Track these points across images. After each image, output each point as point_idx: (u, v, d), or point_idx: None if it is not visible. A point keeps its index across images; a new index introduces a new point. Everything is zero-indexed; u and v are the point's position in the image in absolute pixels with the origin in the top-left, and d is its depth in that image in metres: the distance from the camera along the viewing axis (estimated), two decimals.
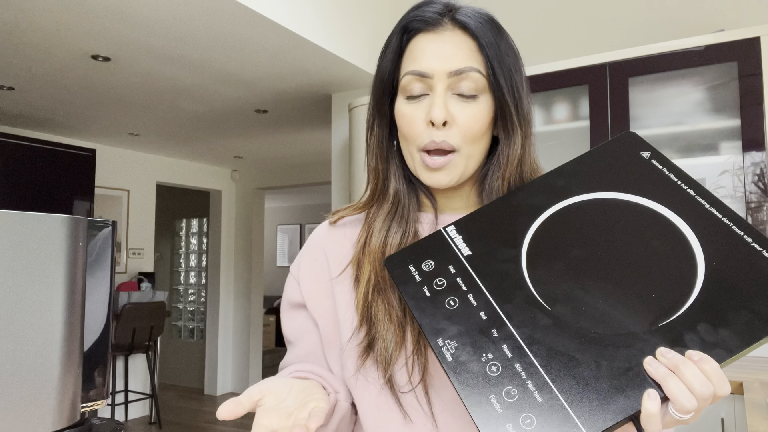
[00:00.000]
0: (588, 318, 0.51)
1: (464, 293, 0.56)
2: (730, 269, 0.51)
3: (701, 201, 0.56)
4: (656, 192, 0.58)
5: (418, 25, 0.67)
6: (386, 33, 0.72)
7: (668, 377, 0.46)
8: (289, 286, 0.77)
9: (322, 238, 0.77)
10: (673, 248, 0.54)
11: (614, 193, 0.59)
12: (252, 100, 3.36)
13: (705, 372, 0.46)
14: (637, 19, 2.44)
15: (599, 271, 0.54)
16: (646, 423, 0.45)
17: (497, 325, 0.52)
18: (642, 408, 0.45)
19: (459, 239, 0.60)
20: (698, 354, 0.46)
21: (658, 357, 0.47)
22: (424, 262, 0.59)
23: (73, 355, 0.61)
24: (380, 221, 0.70)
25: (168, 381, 6.25)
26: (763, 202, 1.84)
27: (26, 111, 3.62)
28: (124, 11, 2.14)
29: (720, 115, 2.00)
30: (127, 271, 4.81)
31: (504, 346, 0.51)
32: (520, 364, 0.50)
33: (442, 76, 0.64)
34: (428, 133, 0.65)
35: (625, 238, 0.56)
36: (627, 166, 0.61)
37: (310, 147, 4.77)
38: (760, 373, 1.78)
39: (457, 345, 0.52)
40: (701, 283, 0.51)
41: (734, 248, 0.52)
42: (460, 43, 0.65)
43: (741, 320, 0.48)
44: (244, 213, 5.88)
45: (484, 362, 0.50)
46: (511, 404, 0.47)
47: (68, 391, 0.60)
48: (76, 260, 0.61)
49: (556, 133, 2.26)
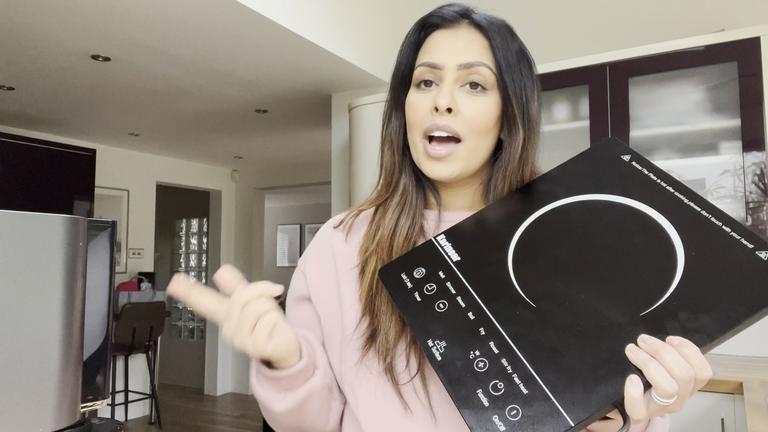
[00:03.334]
0: (571, 312, 0.53)
1: (453, 296, 0.58)
2: (708, 258, 0.52)
3: (680, 197, 0.58)
4: (636, 191, 0.60)
5: (436, 21, 0.70)
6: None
7: (649, 362, 0.46)
8: (295, 279, 0.78)
9: (330, 233, 0.78)
10: (654, 242, 0.55)
11: (595, 194, 0.62)
12: (252, 100, 3.36)
13: (685, 356, 0.46)
14: (637, 19, 2.44)
15: (582, 268, 0.56)
16: (630, 408, 0.46)
17: (484, 323, 0.55)
18: (625, 393, 0.46)
19: (449, 246, 0.63)
20: (678, 339, 0.47)
21: (639, 344, 0.48)
22: (416, 270, 0.62)
23: (73, 355, 0.61)
24: (390, 214, 0.72)
25: (168, 381, 6.26)
26: (763, 202, 1.84)
27: (26, 111, 3.62)
28: (124, 11, 2.14)
29: (720, 115, 2.00)
30: (127, 271, 4.81)
31: (491, 343, 0.53)
32: (506, 359, 0.51)
33: (452, 68, 0.67)
34: (431, 118, 0.67)
35: (607, 235, 0.58)
36: (608, 169, 0.64)
37: (310, 147, 4.77)
38: (760, 373, 1.78)
39: (446, 344, 0.54)
40: (681, 273, 0.52)
41: (713, 238, 0.54)
42: (473, 41, 0.68)
43: (721, 306, 0.49)
44: (244, 213, 5.89)
45: (471, 359, 0.52)
46: (498, 397, 0.49)
47: (68, 391, 0.60)
48: (76, 260, 0.61)
49: (556, 133, 2.26)
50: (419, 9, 0.79)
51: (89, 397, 0.66)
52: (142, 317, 4.36)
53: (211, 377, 5.73)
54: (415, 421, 0.64)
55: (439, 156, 0.67)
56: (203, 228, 6.42)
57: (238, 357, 5.80)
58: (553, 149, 2.46)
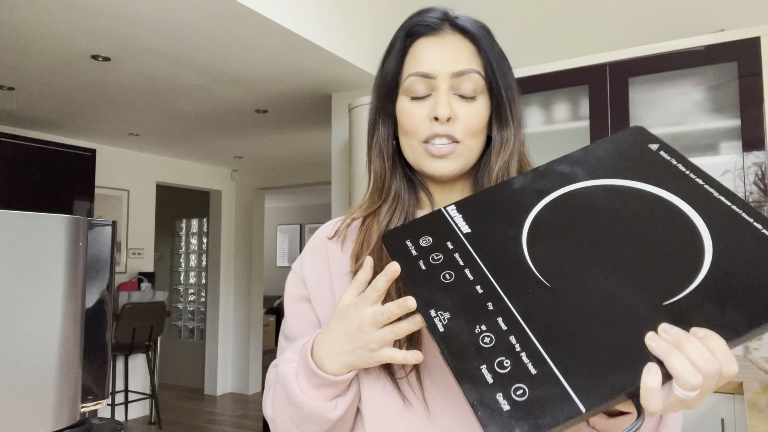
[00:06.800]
0: (588, 295, 0.50)
1: (461, 267, 0.55)
2: (738, 253, 0.49)
3: (710, 190, 0.55)
4: (663, 180, 0.57)
5: (421, 29, 0.71)
6: (386, 33, 0.74)
7: (671, 352, 0.44)
8: (291, 281, 0.79)
9: (324, 237, 0.79)
10: (680, 232, 0.52)
11: (621, 180, 0.58)
12: (252, 100, 3.36)
13: (711, 349, 0.44)
14: (637, 19, 2.44)
15: (603, 252, 0.53)
16: (645, 399, 0.43)
17: (493, 299, 0.52)
18: (642, 383, 0.43)
19: (459, 218, 0.60)
20: (703, 331, 0.45)
21: (660, 333, 0.46)
22: (422, 238, 0.59)
23: (73, 355, 0.61)
24: (382, 217, 0.73)
25: (168, 381, 6.25)
26: (763, 202, 1.84)
27: (26, 111, 3.62)
28: (124, 11, 2.14)
29: (720, 115, 2.00)
30: (127, 271, 4.81)
31: (499, 319, 0.50)
32: (514, 337, 0.48)
33: (445, 77, 0.68)
34: (431, 128, 0.69)
35: (631, 221, 0.55)
36: (635, 156, 0.61)
37: (310, 147, 4.77)
38: (760, 373, 1.78)
39: (450, 316, 0.52)
40: (709, 266, 0.49)
41: (743, 233, 0.51)
42: (461, 47, 0.70)
43: (749, 301, 0.46)
44: (244, 213, 5.88)
45: (477, 333, 0.50)
46: (503, 375, 0.46)
47: (68, 391, 0.60)
48: (76, 260, 0.61)
49: (556, 133, 2.26)
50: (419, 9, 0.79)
51: (89, 397, 0.66)
52: (142, 317, 4.36)
53: (211, 377, 5.73)
54: (413, 413, 0.65)
55: (442, 153, 0.68)
56: (203, 228, 6.42)
57: (238, 357, 5.80)
58: (553, 149, 2.46)
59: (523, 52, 2.64)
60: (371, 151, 0.75)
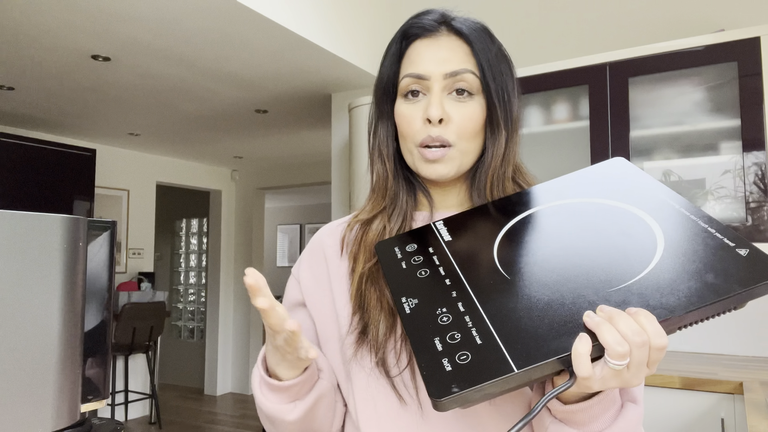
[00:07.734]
0: (543, 284, 0.56)
1: (436, 266, 0.63)
2: (687, 250, 0.54)
3: (672, 203, 0.61)
4: (629, 197, 0.64)
5: (416, 31, 0.72)
6: (386, 33, 0.75)
7: (602, 324, 0.47)
8: (290, 285, 0.80)
9: (322, 239, 0.80)
10: (637, 236, 0.58)
11: (589, 198, 0.66)
12: (252, 100, 3.36)
13: (639, 322, 0.47)
14: (637, 19, 2.44)
15: (562, 252, 0.59)
16: (576, 365, 0.47)
17: (458, 289, 0.59)
18: (573, 349, 0.47)
19: (444, 230, 0.68)
20: (635, 309, 0.49)
21: (597, 311, 0.50)
22: (408, 245, 0.67)
23: (73, 355, 0.61)
24: (378, 219, 0.74)
25: (168, 381, 6.26)
26: (763, 202, 1.84)
27: (26, 111, 3.62)
28: (124, 11, 2.14)
29: (720, 115, 2.00)
30: (127, 271, 4.82)
31: (459, 303, 0.57)
32: (469, 317, 0.55)
33: (438, 78, 0.69)
34: (425, 130, 0.69)
35: (590, 225, 0.61)
36: (609, 180, 0.67)
37: (310, 147, 4.78)
38: (760, 373, 1.78)
39: (418, 302, 0.59)
40: (657, 260, 0.54)
41: (694, 235, 0.56)
42: (455, 48, 0.70)
43: (689, 289, 0.50)
44: (244, 213, 5.89)
45: (437, 314, 0.56)
46: (452, 345, 0.52)
47: (68, 391, 0.60)
48: (76, 260, 0.61)
49: (556, 133, 2.26)
50: (419, 9, 0.79)
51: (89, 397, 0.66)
52: (142, 317, 4.36)
53: (211, 377, 5.73)
54: (407, 412, 0.66)
55: (435, 158, 0.69)
56: (203, 228, 6.42)
57: (238, 357, 5.80)
58: (553, 149, 2.46)
59: (523, 52, 2.64)
60: (373, 153, 0.77)
